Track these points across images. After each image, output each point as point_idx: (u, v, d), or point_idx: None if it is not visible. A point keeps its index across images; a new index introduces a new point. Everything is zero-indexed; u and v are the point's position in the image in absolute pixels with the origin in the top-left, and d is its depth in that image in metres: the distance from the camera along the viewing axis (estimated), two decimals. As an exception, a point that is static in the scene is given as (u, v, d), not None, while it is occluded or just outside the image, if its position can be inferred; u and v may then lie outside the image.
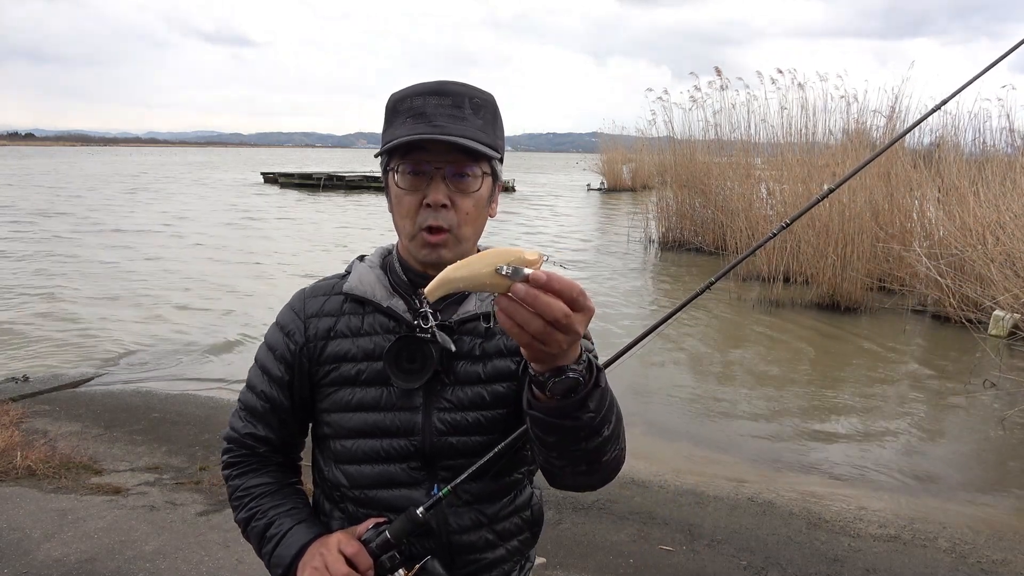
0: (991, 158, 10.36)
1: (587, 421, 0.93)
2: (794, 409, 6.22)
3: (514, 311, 0.80)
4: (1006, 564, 3.55)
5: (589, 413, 0.93)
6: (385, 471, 1.17)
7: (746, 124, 14.11)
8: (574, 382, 0.89)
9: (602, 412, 0.95)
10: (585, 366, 0.90)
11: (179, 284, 11.12)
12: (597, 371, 0.93)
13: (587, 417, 0.93)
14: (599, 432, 0.96)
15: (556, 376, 0.88)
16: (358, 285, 1.21)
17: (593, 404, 0.92)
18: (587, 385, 0.91)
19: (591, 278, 12.37)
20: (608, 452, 1.01)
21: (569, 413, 0.92)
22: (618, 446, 1.03)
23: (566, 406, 0.91)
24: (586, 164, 37.88)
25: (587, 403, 0.92)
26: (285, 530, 1.18)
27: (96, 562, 3.20)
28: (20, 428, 4.83)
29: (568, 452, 0.98)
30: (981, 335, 7.68)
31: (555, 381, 0.89)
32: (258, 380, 1.25)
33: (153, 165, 67.99)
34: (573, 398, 0.90)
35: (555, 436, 0.96)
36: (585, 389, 0.90)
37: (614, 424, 0.99)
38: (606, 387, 0.95)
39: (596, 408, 0.93)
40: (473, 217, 1.15)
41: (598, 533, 3.69)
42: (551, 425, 0.94)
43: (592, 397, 0.92)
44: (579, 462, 1.01)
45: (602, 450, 0.99)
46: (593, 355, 1.16)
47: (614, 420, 0.99)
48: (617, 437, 1.02)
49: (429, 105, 1.11)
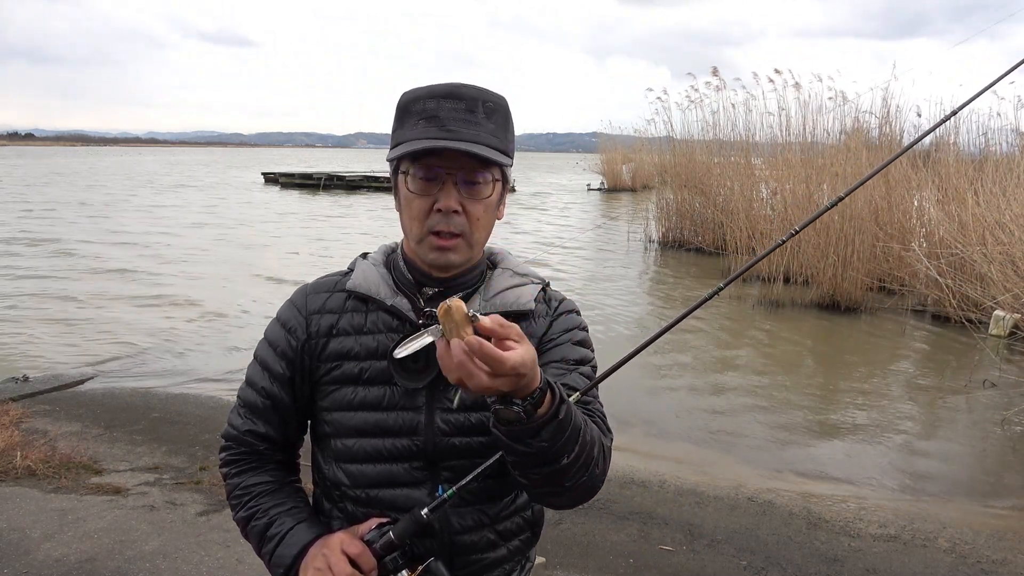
0: (990, 157, 10.37)
1: (540, 449, 0.95)
2: (794, 409, 6.21)
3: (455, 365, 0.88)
4: (1006, 564, 3.55)
5: (542, 442, 0.94)
6: (387, 471, 1.16)
7: (745, 124, 14.13)
8: (515, 415, 0.92)
9: (558, 443, 0.96)
10: (536, 401, 0.92)
11: (179, 284, 11.12)
12: (558, 403, 0.95)
13: (539, 446, 0.95)
14: (556, 460, 0.97)
15: (500, 404, 0.92)
16: (362, 283, 1.21)
17: (546, 434, 0.94)
18: (540, 417, 0.93)
19: (591, 278, 12.38)
20: (572, 479, 1.02)
21: (520, 439, 0.95)
22: (586, 474, 1.03)
23: (518, 432, 0.94)
24: (586, 164, 37.87)
25: (540, 432, 0.94)
26: (286, 530, 1.17)
27: (96, 562, 3.20)
28: (20, 428, 4.83)
29: (527, 472, 1.01)
30: (981, 335, 7.69)
31: (498, 409, 0.93)
32: (258, 376, 1.24)
33: (164, 165, 68.05)
34: (518, 428, 0.93)
35: (512, 456, 0.99)
36: (537, 420, 0.93)
37: (576, 453, 0.99)
38: (566, 419, 0.96)
39: (550, 439, 0.95)
40: (484, 222, 1.15)
41: (598, 533, 3.69)
42: (506, 446, 0.97)
43: (546, 428, 0.94)
44: (540, 483, 1.03)
45: (563, 475, 1.00)
46: (585, 375, 1.18)
47: (577, 449, 0.99)
48: (585, 466, 1.02)
49: (443, 109, 1.10)
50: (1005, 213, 7.84)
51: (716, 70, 14.35)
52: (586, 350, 1.22)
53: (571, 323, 1.24)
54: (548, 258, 14.31)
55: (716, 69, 14.37)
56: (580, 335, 1.23)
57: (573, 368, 1.18)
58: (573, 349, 1.20)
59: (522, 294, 1.21)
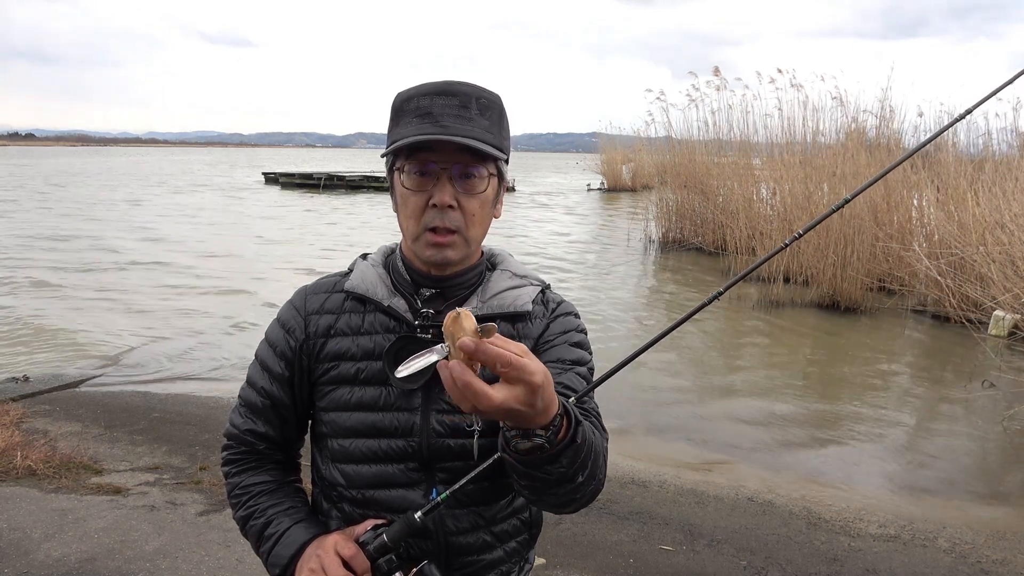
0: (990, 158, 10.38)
1: (559, 475, 0.93)
2: (794, 409, 6.21)
3: (450, 389, 0.84)
4: (1006, 564, 3.55)
5: (560, 468, 0.93)
6: (382, 471, 1.16)
7: (744, 124, 14.14)
8: (538, 446, 0.89)
9: (575, 465, 0.94)
10: (556, 430, 0.90)
11: (180, 284, 11.13)
12: (574, 426, 0.92)
13: (558, 472, 0.93)
14: (572, 480, 0.96)
15: (522, 438, 0.89)
16: (360, 283, 1.21)
17: (566, 460, 0.92)
18: (559, 443, 0.91)
19: (591, 278, 12.38)
20: (582, 491, 1.01)
21: (539, 467, 0.92)
22: (594, 481, 1.02)
23: (535, 460, 0.91)
24: (586, 164, 37.89)
25: (559, 459, 0.91)
26: (283, 529, 1.17)
27: (96, 562, 3.20)
28: (20, 428, 4.83)
29: (539, 492, 0.99)
30: (981, 335, 7.69)
31: (519, 443, 0.90)
32: (258, 376, 1.25)
33: (173, 164, 68.06)
34: (539, 456, 0.91)
35: (526, 480, 0.97)
36: (557, 447, 0.90)
37: (590, 469, 0.98)
38: (583, 442, 0.94)
39: (568, 463, 0.93)
40: (480, 218, 1.15)
41: (598, 533, 3.69)
42: (521, 472, 0.95)
43: (565, 454, 0.91)
44: (550, 500, 1.02)
45: (576, 491, 0.99)
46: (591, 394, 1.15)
47: (590, 465, 0.98)
48: (593, 477, 1.01)
49: (436, 105, 1.10)
50: (1005, 213, 7.84)
51: (718, 70, 14.36)
52: (583, 351, 1.22)
53: (568, 325, 1.23)
54: (547, 258, 14.31)
55: (718, 69, 14.39)
56: (577, 337, 1.23)
57: (569, 368, 1.17)
58: (569, 350, 1.20)
59: (520, 295, 1.21)
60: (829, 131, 12.13)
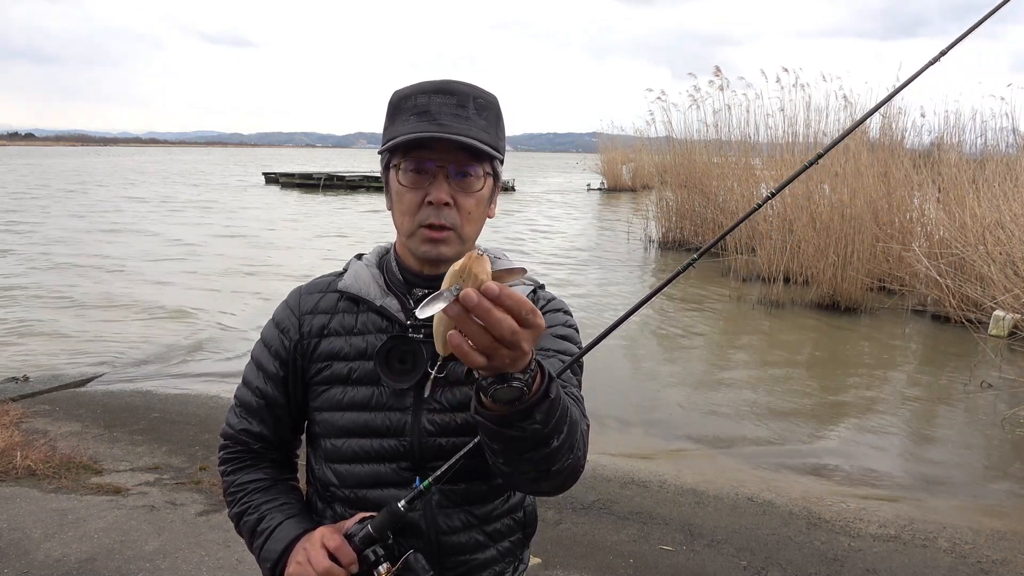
0: (991, 157, 10.37)
1: (533, 432, 0.90)
2: (794, 409, 6.21)
3: (464, 323, 0.79)
4: (1006, 564, 3.55)
5: (535, 424, 0.89)
6: (374, 471, 1.17)
7: (744, 124, 14.14)
8: (517, 392, 0.86)
9: (550, 423, 0.91)
10: (532, 376, 0.87)
11: (180, 283, 11.13)
12: (548, 380, 0.90)
13: (533, 428, 0.89)
14: (547, 443, 0.92)
15: (499, 383, 0.86)
16: (353, 283, 1.21)
17: (540, 415, 0.89)
18: (533, 395, 0.88)
19: (591, 278, 12.38)
20: (559, 462, 0.97)
21: (513, 423, 0.89)
22: (572, 455, 0.99)
23: (510, 415, 0.88)
24: (586, 164, 37.90)
25: (533, 414, 0.88)
26: (275, 525, 1.18)
27: (96, 562, 3.20)
28: (20, 428, 4.83)
29: (514, 460, 0.95)
30: (981, 335, 7.68)
31: (497, 388, 0.86)
32: (253, 376, 1.25)
33: (177, 164, 68.10)
34: (517, 407, 0.87)
35: (500, 443, 0.93)
36: (530, 399, 0.87)
37: (565, 434, 0.95)
38: (557, 398, 0.91)
39: (543, 420, 0.89)
40: (475, 216, 1.15)
41: (598, 533, 3.69)
42: (495, 433, 0.91)
43: (539, 408, 0.88)
44: (527, 470, 0.97)
45: (551, 459, 0.95)
46: (562, 357, 1.15)
47: (566, 430, 0.95)
48: (571, 447, 0.98)
49: (433, 103, 1.10)
50: (1005, 213, 7.84)
51: (718, 69, 14.35)
52: (568, 343, 1.21)
53: (555, 320, 1.23)
54: (547, 258, 14.31)
55: (718, 69, 14.38)
56: (563, 331, 1.23)
57: (552, 356, 1.17)
58: (554, 341, 1.20)
59: None
60: (832, 131, 12.12)
